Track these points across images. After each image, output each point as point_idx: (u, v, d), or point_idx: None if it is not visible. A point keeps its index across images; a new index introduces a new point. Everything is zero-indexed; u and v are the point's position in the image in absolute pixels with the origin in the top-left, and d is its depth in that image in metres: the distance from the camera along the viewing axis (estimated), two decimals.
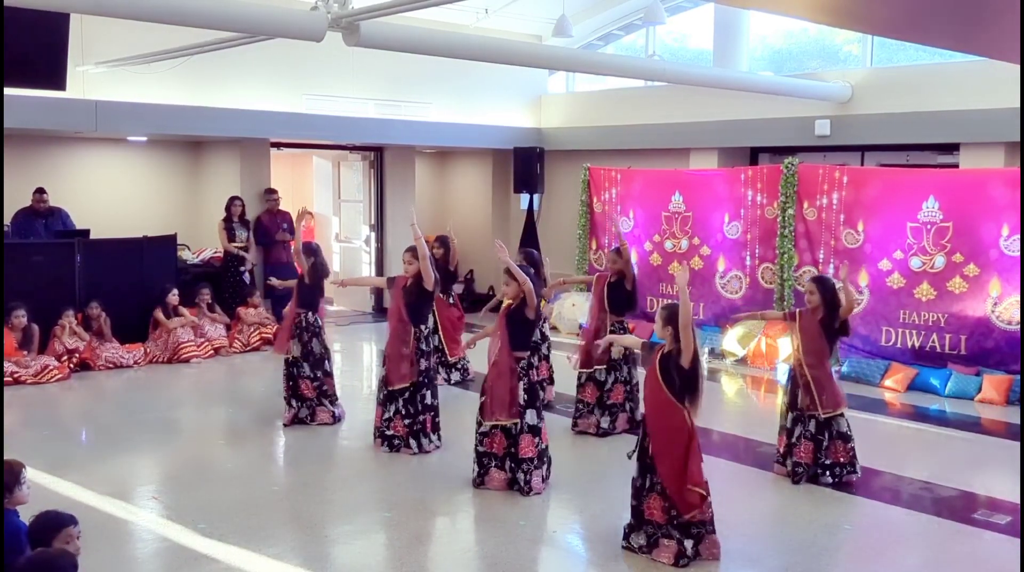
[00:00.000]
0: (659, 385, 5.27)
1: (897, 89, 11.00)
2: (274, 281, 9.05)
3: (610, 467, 7.10)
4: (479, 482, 6.48)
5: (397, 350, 7.26)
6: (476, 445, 6.50)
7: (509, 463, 6.40)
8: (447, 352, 9.64)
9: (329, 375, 8.14)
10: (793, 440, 6.73)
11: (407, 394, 7.25)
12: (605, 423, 7.87)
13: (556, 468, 6.63)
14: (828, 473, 6.64)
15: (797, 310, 7.02)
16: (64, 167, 12.26)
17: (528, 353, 6.47)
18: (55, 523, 4.00)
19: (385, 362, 7.37)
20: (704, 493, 5.24)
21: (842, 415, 6.71)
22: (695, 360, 5.24)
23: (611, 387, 7.89)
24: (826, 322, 6.62)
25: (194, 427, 8.36)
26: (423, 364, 7.30)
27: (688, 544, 5.25)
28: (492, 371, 6.42)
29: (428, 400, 7.34)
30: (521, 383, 6.35)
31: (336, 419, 8.04)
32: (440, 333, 9.52)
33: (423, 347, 7.30)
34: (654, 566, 5.26)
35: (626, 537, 5.47)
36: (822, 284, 6.72)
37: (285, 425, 7.99)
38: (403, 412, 7.27)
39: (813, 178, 10.66)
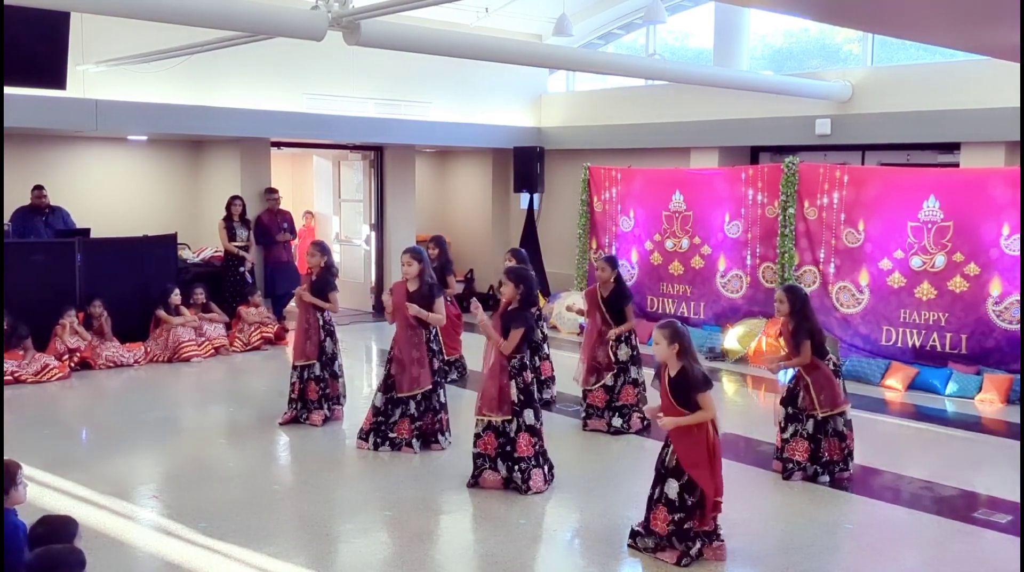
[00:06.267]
0: (674, 407, 5.27)
1: (897, 88, 11.00)
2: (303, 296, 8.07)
3: (614, 466, 7.11)
4: (472, 483, 6.47)
5: (408, 355, 7.18)
6: (472, 446, 6.49)
7: (504, 463, 6.38)
8: (443, 350, 9.63)
9: (336, 377, 8.12)
10: (786, 436, 6.77)
11: (419, 396, 7.24)
12: (618, 422, 7.86)
13: (560, 467, 6.63)
14: (825, 472, 6.66)
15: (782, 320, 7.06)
16: (64, 166, 12.27)
17: (522, 354, 6.38)
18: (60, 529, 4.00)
19: (391, 368, 7.28)
20: (720, 501, 5.28)
21: (842, 414, 6.71)
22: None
23: (620, 389, 7.88)
24: (795, 334, 6.63)
25: (194, 426, 8.36)
26: (435, 364, 7.28)
27: (694, 548, 5.25)
28: (486, 370, 6.41)
29: (443, 398, 7.35)
30: (514, 382, 6.31)
31: (325, 420, 8.02)
32: (438, 331, 9.50)
33: (433, 347, 7.28)
34: (656, 565, 5.26)
35: (633, 537, 5.48)
36: (793, 293, 6.74)
37: (280, 424, 7.99)
38: (415, 414, 7.25)
39: (814, 177, 10.65)
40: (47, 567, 3.72)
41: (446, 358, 9.55)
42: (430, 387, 7.22)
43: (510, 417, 6.31)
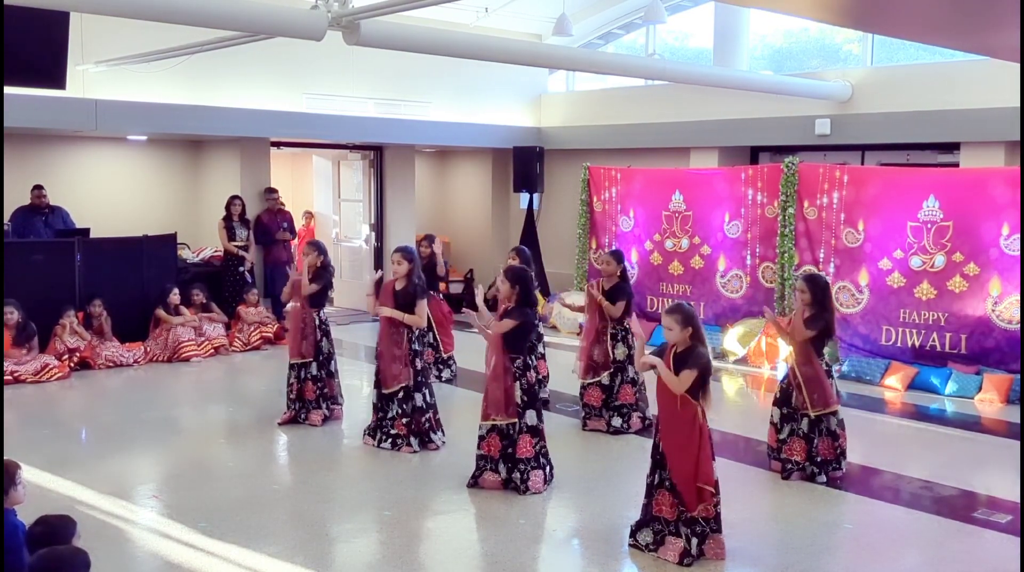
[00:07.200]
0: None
1: (897, 88, 11.00)
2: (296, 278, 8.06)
3: (613, 466, 7.11)
4: (472, 483, 6.48)
5: (389, 351, 7.23)
6: (476, 447, 6.50)
7: (505, 464, 6.38)
8: (442, 348, 9.64)
9: (332, 376, 8.13)
10: (782, 436, 6.77)
11: (401, 394, 7.25)
12: (617, 422, 7.86)
13: (559, 467, 6.63)
14: (822, 471, 6.66)
15: (794, 312, 7.03)
16: (64, 166, 12.27)
17: (524, 354, 6.41)
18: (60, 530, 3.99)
19: (377, 363, 7.34)
20: (713, 491, 5.24)
21: (834, 413, 6.71)
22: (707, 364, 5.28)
23: (618, 388, 7.87)
24: (809, 321, 6.60)
25: (194, 426, 8.36)
26: (418, 364, 7.29)
27: (693, 542, 5.25)
28: (489, 373, 6.41)
29: (428, 398, 7.35)
30: (518, 384, 6.32)
31: (325, 420, 8.04)
32: (434, 329, 9.51)
33: (416, 347, 7.29)
34: (656, 565, 5.26)
35: (633, 535, 5.48)
36: (814, 282, 6.72)
37: (280, 424, 8.00)
38: (401, 411, 7.27)
39: (813, 177, 10.65)
40: (51, 568, 3.71)
41: (443, 356, 9.62)
42: (410, 384, 7.23)
43: (515, 420, 6.32)
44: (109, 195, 12.60)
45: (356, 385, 9.67)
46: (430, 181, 16.28)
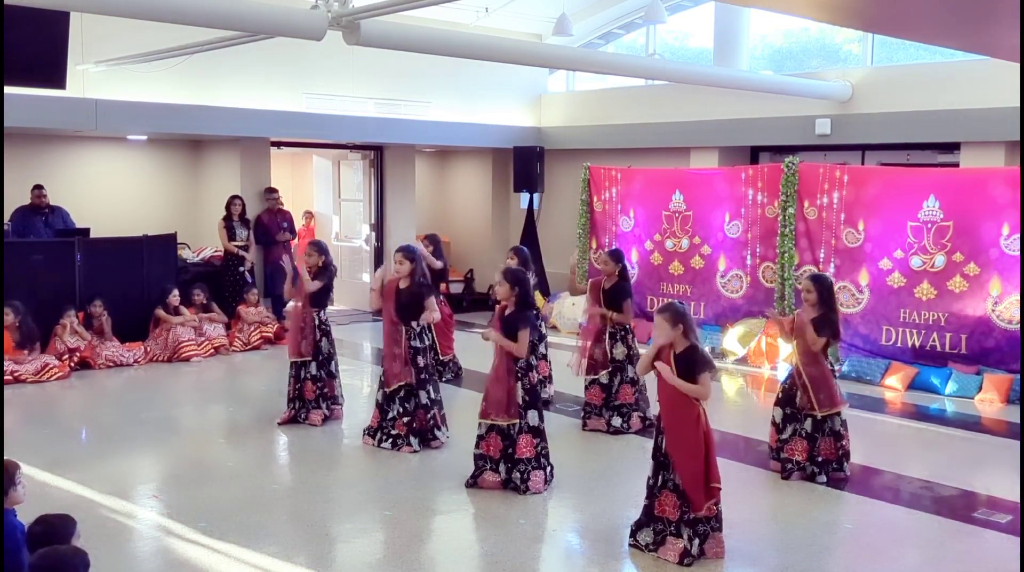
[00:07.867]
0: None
1: (897, 88, 11.00)
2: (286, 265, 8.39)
3: (613, 466, 7.11)
4: (471, 483, 6.47)
5: (390, 350, 7.27)
6: (474, 447, 6.50)
7: (504, 465, 6.38)
8: (439, 350, 9.63)
9: (333, 376, 8.14)
10: (784, 436, 6.76)
11: (403, 393, 7.26)
12: (617, 422, 7.86)
13: (560, 467, 6.62)
14: (822, 472, 6.66)
15: (796, 312, 7.03)
16: (64, 166, 12.28)
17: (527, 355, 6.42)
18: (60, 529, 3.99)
19: (382, 363, 7.38)
20: (720, 488, 5.25)
21: (838, 414, 6.70)
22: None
23: (618, 388, 7.88)
24: (818, 322, 6.59)
25: (194, 426, 8.36)
26: (420, 361, 7.30)
27: (695, 543, 5.25)
28: (491, 373, 6.41)
29: (432, 395, 7.36)
30: (520, 384, 6.32)
31: (325, 420, 8.04)
32: (432, 331, 9.49)
33: (416, 345, 7.29)
34: (656, 565, 5.26)
35: (633, 535, 5.47)
36: (820, 282, 6.71)
37: (279, 424, 8.00)
38: (402, 410, 7.27)
39: (814, 177, 10.65)
40: (51, 567, 3.71)
41: (442, 358, 9.62)
42: (412, 381, 7.24)
43: (516, 420, 6.32)
44: (109, 195, 12.61)
45: (356, 385, 9.67)
46: (430, 181, 16.29)
